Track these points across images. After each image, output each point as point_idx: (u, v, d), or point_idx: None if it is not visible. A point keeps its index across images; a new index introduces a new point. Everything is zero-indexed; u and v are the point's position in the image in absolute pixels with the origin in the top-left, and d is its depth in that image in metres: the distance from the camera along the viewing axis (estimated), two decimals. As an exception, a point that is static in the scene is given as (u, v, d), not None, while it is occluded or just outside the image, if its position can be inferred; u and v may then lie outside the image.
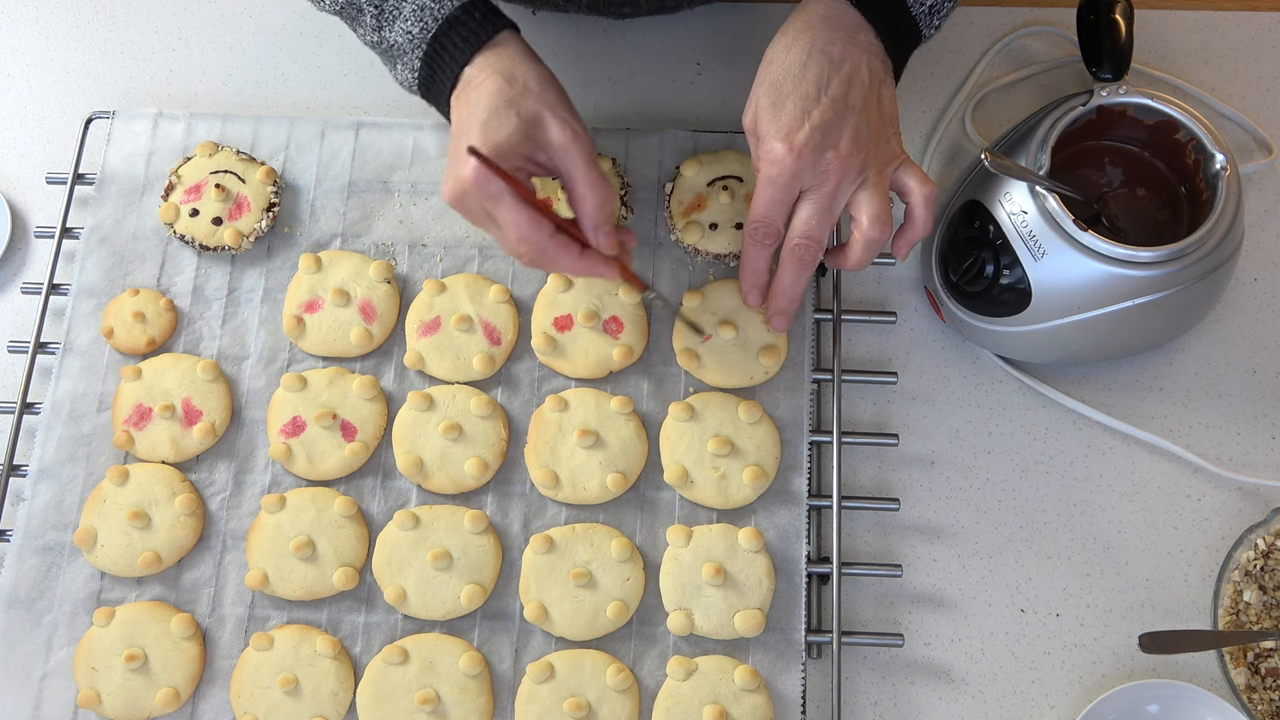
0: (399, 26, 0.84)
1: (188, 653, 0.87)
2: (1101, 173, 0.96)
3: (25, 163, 1.07)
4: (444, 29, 0.83)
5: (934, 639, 0.91)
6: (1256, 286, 1.00)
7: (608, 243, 0.82)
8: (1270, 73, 1.06)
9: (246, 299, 0.97)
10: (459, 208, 0.81)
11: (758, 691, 0.85)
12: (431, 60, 0.84)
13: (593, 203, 0.80)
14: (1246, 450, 0.95)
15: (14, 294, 1.02)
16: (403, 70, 0.87)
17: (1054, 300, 0.88)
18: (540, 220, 0.79)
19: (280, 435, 0.92)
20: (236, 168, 0.99)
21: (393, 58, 0.87)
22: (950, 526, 0.93)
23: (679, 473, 0.90)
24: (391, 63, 0.88)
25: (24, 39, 1.12)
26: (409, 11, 0.84)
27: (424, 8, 0.83)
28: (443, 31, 0.83)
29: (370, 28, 0.87)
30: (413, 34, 0.84)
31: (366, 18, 0.87)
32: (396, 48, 0.86)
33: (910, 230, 0.85)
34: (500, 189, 0.77)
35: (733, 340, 0.93)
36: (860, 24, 0.82)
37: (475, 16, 0.83)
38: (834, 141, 0.79)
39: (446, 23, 0.83)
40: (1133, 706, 0.86)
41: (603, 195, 0.80)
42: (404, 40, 0.85)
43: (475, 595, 0.88)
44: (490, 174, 0.77)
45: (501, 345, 0.94)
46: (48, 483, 0.92)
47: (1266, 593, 0.89)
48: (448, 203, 0.81)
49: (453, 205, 0.81)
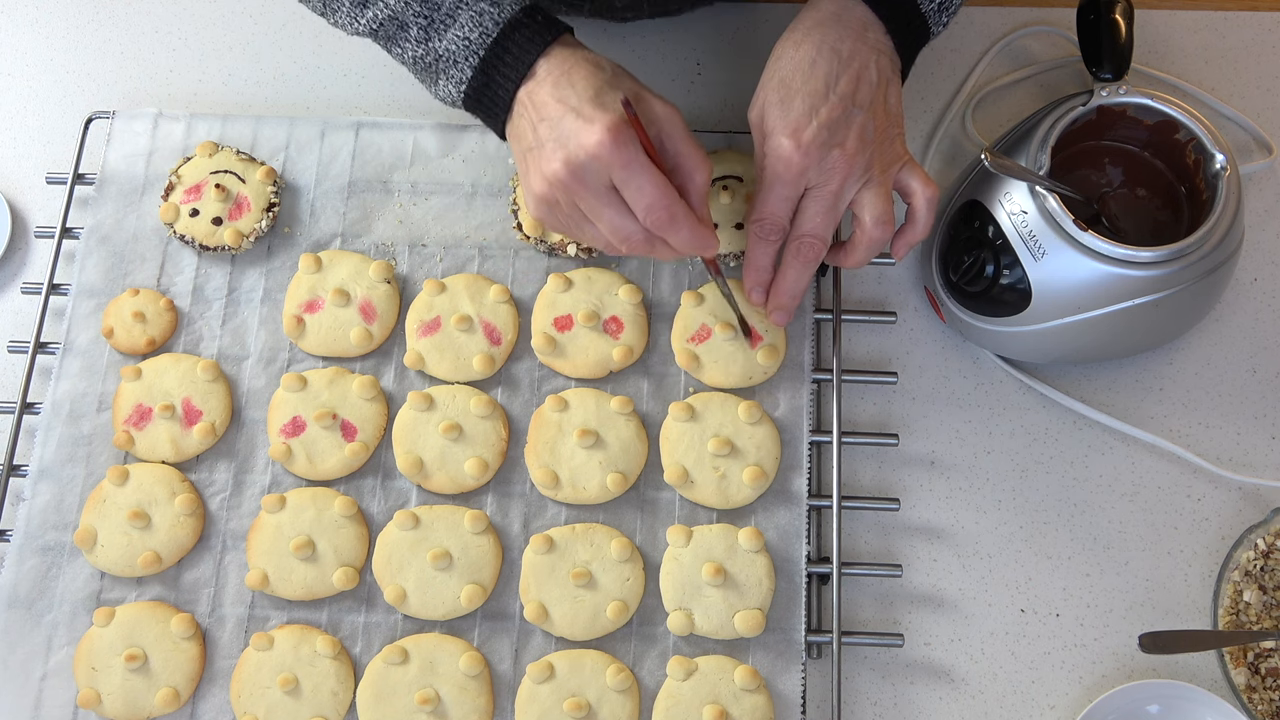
0: (452, 35, 0.82)
1: (188, 653, 0.87)
2: (1101, 173, 0.96)
3: (25, 163, 1.07)
4: (506, 32, 0.81)
5: (934, 639, 0.91)
6: (1256, 286, 1.00)
7: (709, 218, 0.82)
8: (1270, 73, 1.06)
9: (246, 299, 0.97)
10: (571, 187, 0.77)
11: (758, 691, 0.85)
12: (489, 66, 0.81)
13: (703, 175, 0.80)
14: (1246, 450, 0.95)
15: (14, 294, 1.02)
16: (447, 83, 0.84)
17: (1054, 300, 0.88)
18: (670, 185, 0.77)
19: (280, 435, 0.92)
20: (236, 168, 0.99)
21: (437, 70, 0.84)
22: (950, 526, 0.93)
23: (679, 473, 0.90)
24: (434, 77, 0.85)
25: (24, 39, 1.12)
26: (466, 19, 0.81)
27: (483, 13, 0.81)
28: (505, 34, 0.81)
29: (417, 40, 0.84)
30: (470, 40, 0.81)
31: (412, 31, 0.83)
32: (446, 57, 0.83)
33: (911, 231, 0.85)
34: (638, 150, 0.75)
35: (732, 340, 0.93)
36: (870, 22, 0.82)
37: (538, 20, 0.81)
38: (840, 140, 0.79)
39: (509, 26, 0.81)
40: (1133, 706, 0.86)
41: (710, 168, 0.80)
42: (458, 48, 0.82)
43: (475, 595, 0.88)
44: (630, 134, 0.75)
45: (501, 345, 0.94)
46: (48, 483, 0.92)
47: (1266, 593, 0.89)
48: (551, 187, 0.78)
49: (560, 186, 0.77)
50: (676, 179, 0.80)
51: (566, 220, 0.81)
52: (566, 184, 0.77)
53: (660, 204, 0.76)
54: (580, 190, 0.77)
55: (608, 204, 0.77)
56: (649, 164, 0.76)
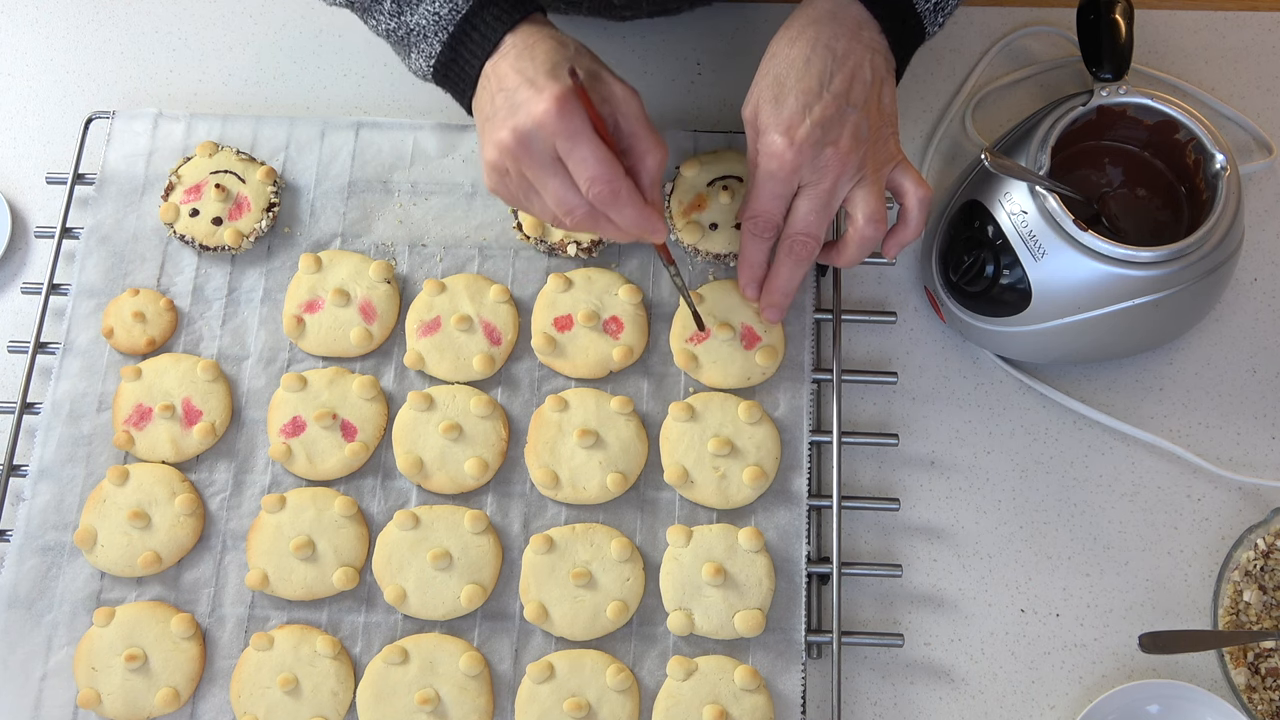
0: (424, 9, 0.82)
1: (188, 653, 0.87)
2: (1101, 173, 0.96)
3: (25, 163, 1.07)
4: (475, 8, 0.81)
5: (934, 639, 0.91)
6: (1256, 286, 1.00)
7: (660, 203, 0.82)
8: (1270, 73, 1.06)
9: (246, 299, 0.97)
10: (517, 154, 0.77)
11: (758, 691, 0.85)
12: (457, 41, 0.82)
13: (655, 159, 0.80)
14: (1246, 450, 0.95)
15: (14, 294, 1.02)
16: (418, 56, 0.85)
17: (1054, 300, 0.88)
18: (616, 160, 0.77)
19: (280, 435, 0.92)
20: (236, 168, 0.99)
21: (409, 43, 0.85)
22: (950, 526, 0.93)
23: (679, 473, 0.90)
24: (406, 49, 0.86)
25: (24, 39, 1.12)
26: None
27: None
28: (474, 11, 0.81)
29: (389, 13, 0.85)
30: (440, 15, 0.82)
31: (385, 3, 0.84)
32: (417, 31, 0.83)
33: (902, 231, 0.85)
34: (584, 122, 0.75)
35: (730, 341, 0.93)
36: (865, 20, 0.82)
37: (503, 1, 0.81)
38: (834, 138, 0.79)
39: (478, 3, 0.81)
40: (1133, 706, 0.86)
41: (665, 153, 0.80)
42: (428, 22, 0.82)
43: (475, 595, 0.88)
44: (576, 105, 0.75)
45: (501, 345, 0.94)
46: (48, 483, 0.92)
47: (1266, 593, 0.89)
48: (500, 153, 0.78)
49: (508, 153, 0.77)
50: (629, 161, 0.80)
51: (516, 190, 0.80)
52: (514, 151, 0.77)
53: (603, 177, 0.76)
54: (526, 158, 0.77)
55: (553, 174, 0.77)
56: (594, 136, 0.76)
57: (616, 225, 0.79)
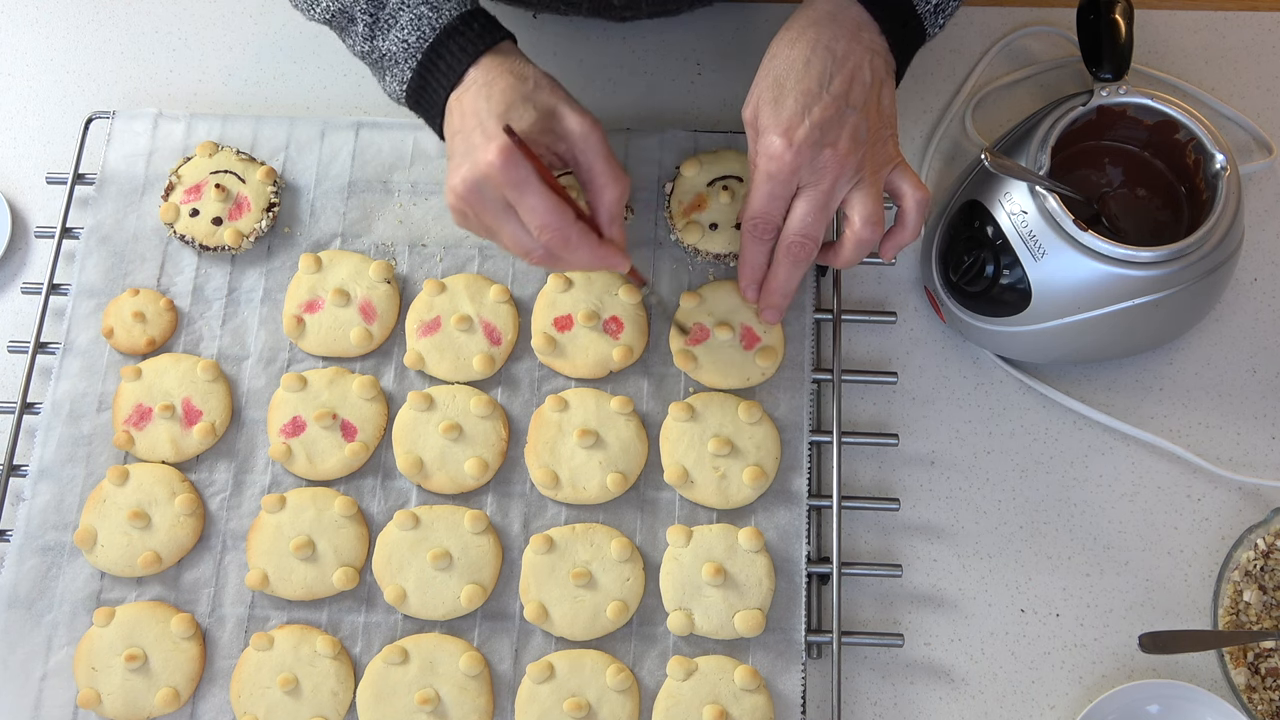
0: (394, 36, 0.84)
1: (188, 653, 0.87)
2: (1101, 173, 0.96)
3: (25, 163, 1.07)
4: (441, 38, 0.82)
5: (934, 639, 0.91)
6: (1256, 286, 1.00)
7: (621, 234, 0.82)
8: (1270, 73, 1.06)
9: (246, 299, 0.97)
10: (471, 201, 0.79)
11: (758, 691, 0.85)
12: (425, 70, 0.83)
13: (614, 193, 0.81)
14: (1246, 450, 0.95)
15: (14, 294, 1.02)
16: (392, 81, 0.86)
17: (1054, 300, 0.88)
18: (565, 206, 0.78)
19: (280, 435, 0.92)
20: (236, 168, 0.99)
21: (383, 68, 0.86)
22: (950, 526, 0.94)
23: (679, 473, 0.90)
24: (381, 73, 0.87)
25: (24, 39, 1.12)
26: (406, 21, 0.83)
27: (421, 17, 0.83)
28: (440, 41, 0.82)
29: (362, 37, 0.86)
30: (409, 43, 0.83)
31: (359, 27, 0.86)
32: (389, 57, 0.85)
33: (900, 233, 0.85)
34: (529, 172, 0.76)
35: (729, 341, 0.93)
36: (865, 22, 0.82)
37: (474, 27, 0.82)
38: (833, 139, 0.79)
39: (444, 32, 0.82)
40: (1133, 706, 0.86)
41: (624, 186, 0.81)
42: (398, 49, 0.84)
43: (475, 595, 0.88)
44: (520, 156, 0.76)
45: (501, 345, 0.94)
46: (48, 483, 0.92)
47: (1266, 593, 0.89)
48: (456, 199, 0.79)
49: (462, 200, 0.79)
50: (589, 194, 0.82)
51: (478, 228, 0.82)
52: (467, 199, 0.79)
53: (551, 225, 0.77)
54: (479, 205, 0.79)
55: (506, 220, 0.79)
56: (540, 185, 0.77)
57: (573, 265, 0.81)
